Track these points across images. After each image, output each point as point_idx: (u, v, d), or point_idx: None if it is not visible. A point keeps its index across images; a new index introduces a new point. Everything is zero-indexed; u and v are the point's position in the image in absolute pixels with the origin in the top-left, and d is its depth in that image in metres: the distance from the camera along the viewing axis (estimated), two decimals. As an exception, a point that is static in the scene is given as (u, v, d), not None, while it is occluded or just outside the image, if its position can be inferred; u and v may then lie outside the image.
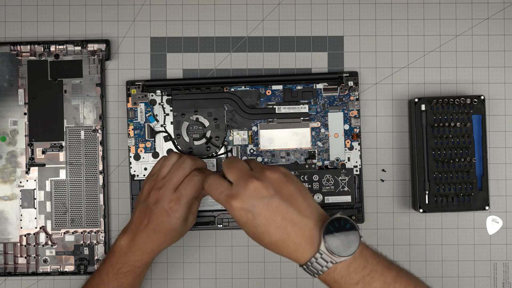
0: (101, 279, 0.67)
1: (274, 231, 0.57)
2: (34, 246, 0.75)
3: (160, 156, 0.75)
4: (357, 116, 0.75)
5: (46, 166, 0.75)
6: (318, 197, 0.74)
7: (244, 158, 0.74)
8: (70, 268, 0.75)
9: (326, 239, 0.56)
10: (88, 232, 0.75)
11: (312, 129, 0.75)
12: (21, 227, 0.75)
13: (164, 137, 0.75)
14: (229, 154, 0.75)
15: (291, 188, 0.59)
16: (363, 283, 0.56)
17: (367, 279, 0.56)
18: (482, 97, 0.73)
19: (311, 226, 0.57)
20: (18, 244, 0.75)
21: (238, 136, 0.75)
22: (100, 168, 0.75)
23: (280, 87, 0.75)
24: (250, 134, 0.75)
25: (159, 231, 0.66)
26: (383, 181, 0.76)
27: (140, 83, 0.75)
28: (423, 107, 0.73)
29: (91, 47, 0.75)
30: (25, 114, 0.75)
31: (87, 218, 0.75)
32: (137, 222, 0.67)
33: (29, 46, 0.75)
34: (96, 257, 0.75)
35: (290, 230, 0.57)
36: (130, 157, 0.75)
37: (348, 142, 0.75)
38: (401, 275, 0.58)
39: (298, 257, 0.58)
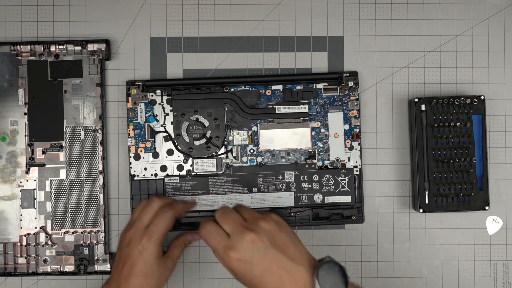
0: None
1: (270, 280, 0.60)
2: (34, 246, 0.75)
3: (161, 155, 0.75)
4: (357, 116, 0.75)
5: (46, 166, 0.75)
6: (318, 197, 0.74)
7: (236, 204, 0.69)
8: (70, 268, 0.75)
9: (320, 282, 0.59)
10: (88, 232, 0.75)
11: (312, 129, 0.75)
12: (21, 227, 0.75)
13: (164, 137, 0.75)
14: (229, 155, 0.75)
15: (284, 237, 0.62)
16: None
17: None
18: (482, 97, 0.73)
19: (304, 272, 0.61)
20: (18, 244, 0.75)
21: (238, 136, 0.75)
22: (100, 168, 0.75)
23: (280, 87, 0.75)
24: (250, 134, 0.75)
25: (134, 275, 0.65)
26: None
27: (140, 83, 0.75)
28: (423, 107, 0.73)
29: (91, 47, 0.75)
30: (25, 114, 0.75)
31: (87, 218, 0.75)
32: (114, 271, 0.67)
33: (29, 46, 0.75)
34: (96, 257, 0.75)
35: (285, 278, 0.60)
36: (130, 157, 0.75)
37: (348, 142, 0.75)
38: None
39: None
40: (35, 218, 0.75)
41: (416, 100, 0.73)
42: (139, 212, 0.69)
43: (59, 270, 0.75)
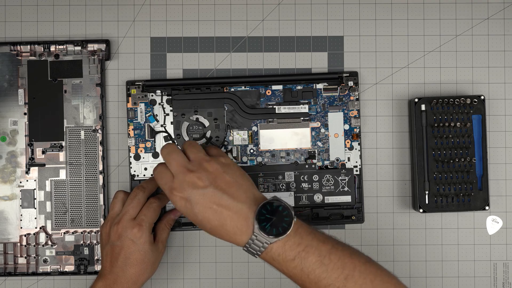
0: None
1: (212, 217, 0.62)
2: (34, 246, 0.75)
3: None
4: (357, 116, 0.75)
5: (46, 166, 0.75)
6: (318, 197, 0.74)
7: (187, 141, 0.70)
8: (70, 268, 0.75)
9: (259, 221, 0.61)
10: (88, 232, 0.75)
11: (312, 129, 0.75)
12: (21, 227, 0.75)
13: (164, 137, 0.75)
14: (229, 155, 0.75)
15: (226, 178, 0.63)
16: (299, 258, 0.60)
17: (302, 254, 0.60)
18: (482, 97, 0.73)
19: (246, 210, 0.62)
20: (18, 244, 0.75)
21: (238, 136, 0.75)
22: (100, 168, 0.75)
23: (280, 87, 0.75)
24: (250, 134, 0.75)
25: (131, 264, 0.67)
26: None
27: (140, 83, 0.75)
28: (423, 107, 0.73)
29: (91, 47, 0.75)
30: (25, 114, 0.75)
31: (87, 218, 0.75)
32: (106, 265, 0.68)
33: (29, 46, 0.75)
34: (96, 257, 0.75)
35: (225, 215, 0.62)
36: (130, 157, 0.75)
37: (348, 142, 0.75)
38: (337, 247, 0.61)
39: (237, 240, 0.62)
40: (35, 218, 0.75)
41: (416, 100, 0.73)
42: (120, 205, 0.70)
43: (59, 270, 0.75)
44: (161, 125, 0.75)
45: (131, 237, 0.67)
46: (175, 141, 0.75)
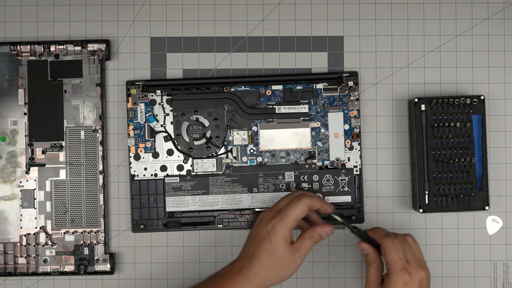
0: None
1: None
2: (34, 246, 0.75)
3: (161, 155, 0.75)
4: (357, 116, 0.75)
5: (46, 166, 0.75)
6: (318, 197, 0.74)
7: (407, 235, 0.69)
8: (70, 268, 0.75)
9: None
10: (88, 232, 0.75)
11: (312, 129, 0.75)
12: (21, 227, 0.75)
13: (164, 137, 0.75)
14: (229, 155, 0.75)
15: None
16: None
17: None
18: (482, 97, 0.73)
19: None
20: (18, 244, 0.75)
21: (238, 136, 0.75)
22: (100, 168, 0.75)
23: (280, 87, 0.75)
24: (250, 134, 0.75)
25: (259, 255, 0.64)
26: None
27: (140, 83, 0.75)
28: (423, 107, 0.73)
29: (91, 47, 0.75)
30: (25, 114, 0.75)
31: (87, 218, 0.75)
32: (243, 249, 0.67)
33: (29, 46, 0.75)
34: (96, 257, 0.75)
35: None
36: (130, 157, 0.75)
37: (348, 142, 0.75)
38: None
39: None
40: (35, 218, 0.75)
41: (416, 100, 0.73)
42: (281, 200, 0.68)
43: (59, 270, 0.75)
44: (161, 125, 0.75)
45: (268, 225, 0.65)
46: (175, 141, 0.75)
